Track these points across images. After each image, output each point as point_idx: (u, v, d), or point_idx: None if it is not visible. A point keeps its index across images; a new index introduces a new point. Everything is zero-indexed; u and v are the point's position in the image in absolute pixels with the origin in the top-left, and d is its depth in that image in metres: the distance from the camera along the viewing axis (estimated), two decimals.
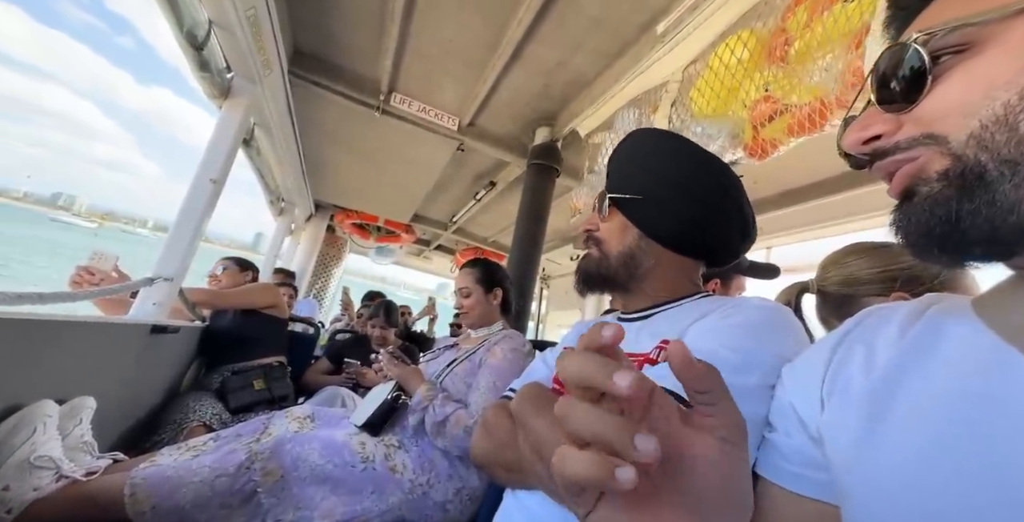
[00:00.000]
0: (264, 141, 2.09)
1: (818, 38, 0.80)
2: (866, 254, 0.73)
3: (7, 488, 0.64)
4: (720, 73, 1.06)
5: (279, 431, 0.97)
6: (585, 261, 0.64)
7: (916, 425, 0.27)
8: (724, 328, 0.48)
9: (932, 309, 0.33)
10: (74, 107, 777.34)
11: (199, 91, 1.47)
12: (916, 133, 0.28)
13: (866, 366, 0.33)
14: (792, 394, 0.38)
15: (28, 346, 0.72)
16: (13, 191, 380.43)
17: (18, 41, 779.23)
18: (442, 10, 1.43)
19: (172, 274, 1.28)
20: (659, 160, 0.62)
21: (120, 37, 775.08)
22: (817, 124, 0.83)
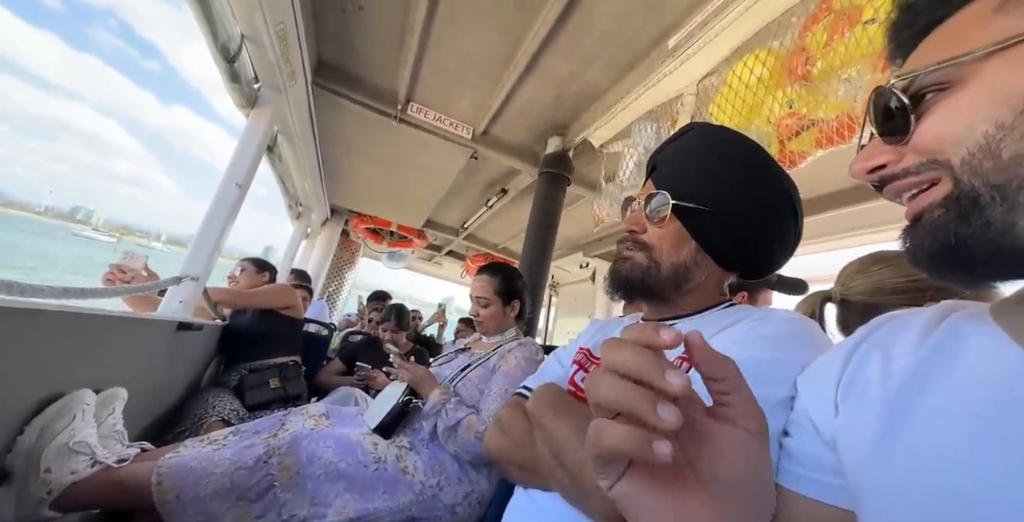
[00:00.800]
0: (286, 147, 2.17)
1: (841, 58, 0.81)
2: (893, 263, 0.71)
3: (48, 470, 0.68)
4: (739, 90, 1.08)
5: (296, 427, 1.00)
6: (628, 267, 0.58)
7: (936, 432, 0.27)
8: (752, 339, 0.48)
9: (951, 317, 0.34)
10: (98, 125, 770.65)
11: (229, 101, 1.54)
12: (921, 159, 0.30)
13: (883, 372, 0.33)
14: (806, 400, 0.38)
15: (71, 338, 0.77)
16: (35, 205, 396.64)
17: (50, 64, 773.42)
18: (460, 24, 1.49)
19: (198, 274, 1.34)
20: (729, 168, 0.56)
21: (147, 61, 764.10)
22: (845, 137, 0.85)
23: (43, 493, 0.68)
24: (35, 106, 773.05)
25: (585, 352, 0.67)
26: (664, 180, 0.58)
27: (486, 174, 2.71)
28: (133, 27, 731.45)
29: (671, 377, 0.20)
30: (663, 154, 0.61)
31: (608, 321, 0.75)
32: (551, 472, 0.47)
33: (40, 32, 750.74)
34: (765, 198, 0.56)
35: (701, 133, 0.60)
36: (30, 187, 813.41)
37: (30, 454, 0.68)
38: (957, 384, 0.29)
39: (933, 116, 0.29)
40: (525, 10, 1.36)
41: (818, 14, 0.90)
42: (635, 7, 1.27)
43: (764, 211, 0.56)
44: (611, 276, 0.60)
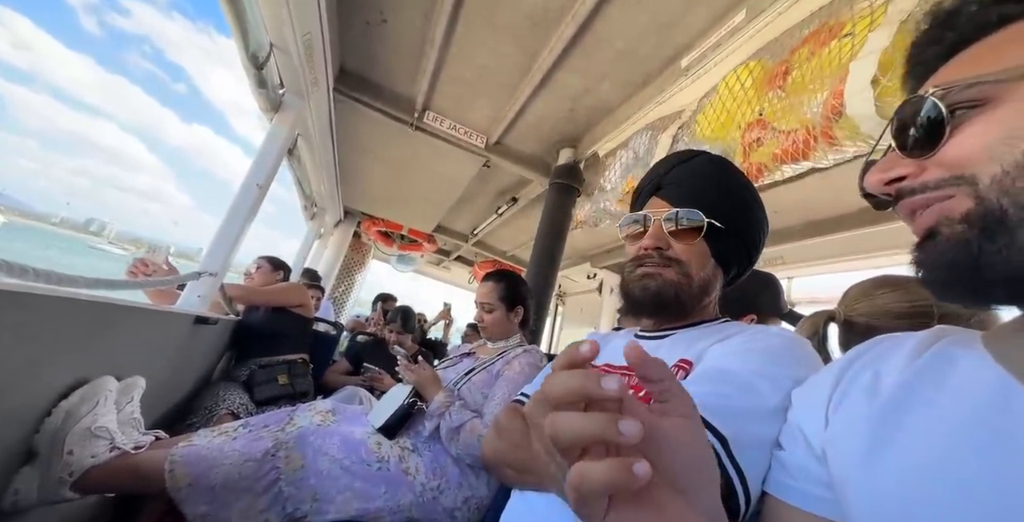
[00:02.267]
0: (305, 150, 2.24)
1: (812, 69, 0.84)
2: (899, 287, 0.72)
3: (71, 452, 0.72)
4: (725, 98, 1.12)
5: (303, 422, 1.03)
6: (660, 283, 0.58)
7: (921, 448, 0.28)
8: (745, 352, 0.49)
9: (943, 341, 0.35)
10: (120, 141, 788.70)
11: (247, 121, 1.61)
12: (945, 174, 0.29)
13: (872, 389, 0.34)
14: (799, 414, 0.39)
15: (98, 326, 0.81)
16: (52, 216, 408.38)
17: (82, 83, 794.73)
18: (478, 39, 1.54)
19: (216, 270, 1.39)
20: (740, 190, 0.62)
21: (175, 84, 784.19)
22: (801, 153, 0.86)
23: (65, 474, 0.72)
24: (64, 122, 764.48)
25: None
26: (684, 200, 0.60)
27: (497, 182, 2.76)
28: (165, 52, 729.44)
29: (607, 383, 0.22)
30: (670, 176, 0.63)
31: (606, 333, 0.76)
32: (546, 470, 0.49)
33: (77, 54, 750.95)
34: (762, 217, 0.63)
35: (708, 159, 0.64)
36: (49, 199, 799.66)
37: (55, 436, 0.72)
38: (942, 402, 0.30)
39: (969, 130, 0.28)
40: (541, 27, 1.41)
41: (812, 36, 0.93)
42: (650, 28, 1.31)
43: (762, 227, 0.63)
44: (640, 293, 0.59)
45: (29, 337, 0.64)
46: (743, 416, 0.41)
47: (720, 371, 0.47)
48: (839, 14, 0.82)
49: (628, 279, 0.62)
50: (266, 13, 1.26)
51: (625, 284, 0.63)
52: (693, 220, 0.58)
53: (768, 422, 0.42)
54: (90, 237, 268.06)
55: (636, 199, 0.68)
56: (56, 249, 34.73)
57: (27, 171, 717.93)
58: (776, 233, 2.16)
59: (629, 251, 0.64)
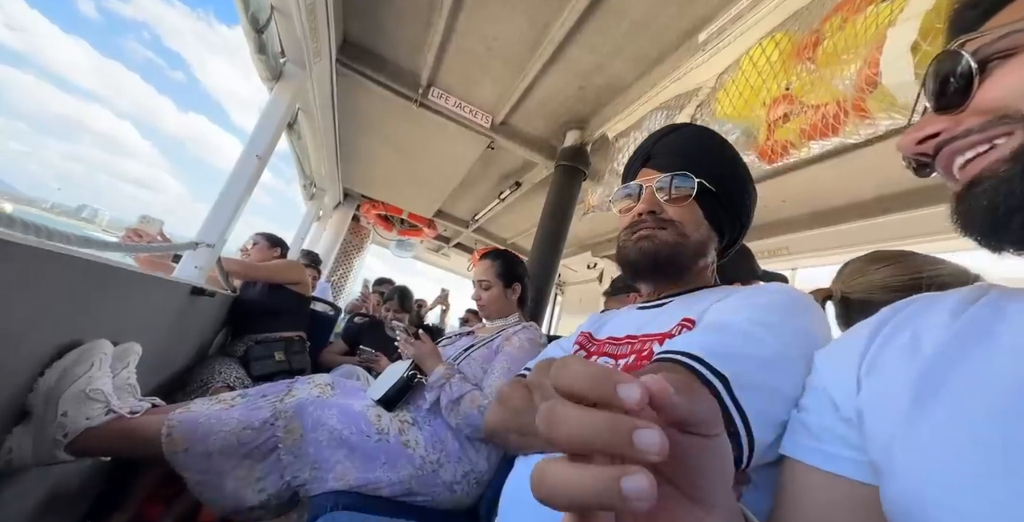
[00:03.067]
0: (305, 126, 2.19)
1: (846, 38, 0.81)
2: (891, 261, 0.73)
3: (65, 414, 0.70)
4: (749, 73, 1.08)
5: (302, 394, 1.01)
6: (656, 243, 0.59)
7: (971, 406, 0.27)
8: (747, 306, 0.49)
9: (990, 293, 0.33)
10: (114, 127, 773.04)
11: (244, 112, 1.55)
12: (988, 117, 0.29)
13: (912, 348, 0.33)
14: (825, 377, 0.38)
15: (93, 287, 0.78)
16: (42, 202, 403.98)
17: (77, 68, 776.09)
18: (489, 8, 1.48)
19: (214, 241, 1.36)
20: (727, 154, 0.64)
21: (173, 72, 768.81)
22: (831, 128, 0.83)
23: (59, 435, 0.70)
24: (58, 106, 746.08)
25: (586, 335, 0.68)
26: (673, 166, 0.61)
27: (501, 165, 2.71)
28: (163, 39, 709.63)
29: (625, 392, 0.16)
30: (658, 146, 0.64)
31: (607, 311, 0.77)
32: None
33: (72, 38, 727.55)
34: (751, 184, 0.65)
35: (693, 129, 0.67)
36: (40, 183, 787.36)
37: (49, 396, 0.70)
38: (996, 357, 0.28)
39: (1003, 72, 0.28)
40: None
41: (844, 3, 0.88)
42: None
43: (751, 193, 0.64)
44: (636, 254, 0.60)
45: (22, 292, 0.62)
46: (745, 360, 0.41)
47: (721, 323, 0.47)
48: None
49: (624, 244, 0.63)
50: None
51: (622, 250, 0.63)
52: (684, 184, 0.59)
53: (771, 368, 0.41)
54: (82, 224, 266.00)
55: (627, 173, 0.69)
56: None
57: (17, 154, 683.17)
58: (782, 222, 2.14)
59: (623, 221, 0.65)
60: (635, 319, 0.64)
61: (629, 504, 0.15)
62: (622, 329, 0.64)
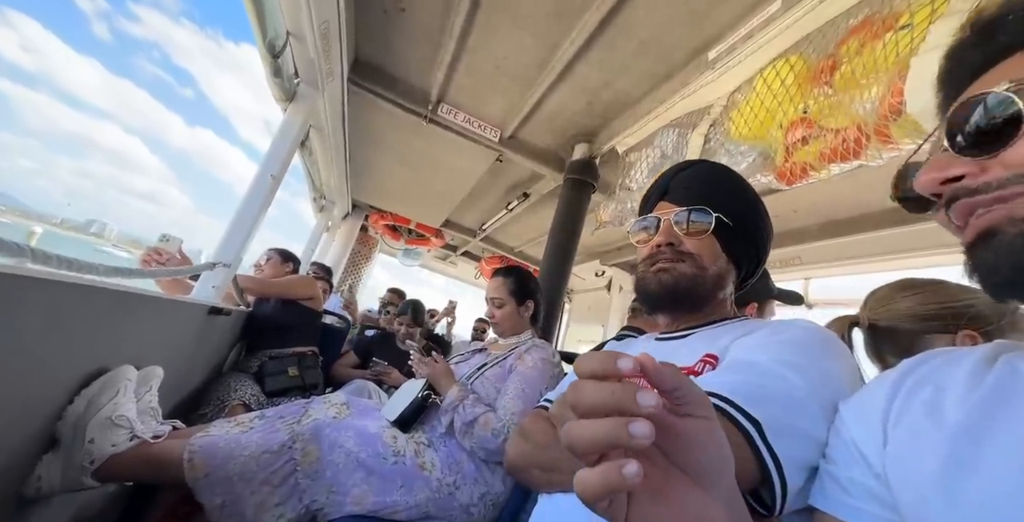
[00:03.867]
0: (316, 142, 2.23)
1: (864, 63, 0.81)
2: (922, 290, 0.72)
3: (92, 440, 0.71)
4: (764, 95, 1.08)
5: (318, 415, 1.02)
6: (675, 276, 0.60)
7: (1013, 473, 0.27)
8: (773, 344, 0.49)
9: (1006, 355, 0.34)
10: (124, 144, 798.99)
11: (252, 127, 1.59)
12: (1009, 173, 0.29)
13: (936, 407, 0.33)
14: (854, 429, 0.38)
15: (118, 315, 0.80)
16: (52, 217, 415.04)
17: (88, 87, 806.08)
18: (498, 30, 1.51)
19: (230, 261, 1.38)
20: (743, 190, 0.66)
21: (182, 88, 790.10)
22: (852, 152, 0.83)
23: (86, 462, 0.71)
24: (68, 124, 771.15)
25: None
26: (691, 200, 0.62)
27: (509, 177, 2.73)
28: (172, 57, 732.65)
29: (643, 399, 0.21)
30: (675, 181, 0.65)
31: (624, 341, 0.78)
32: (572, 466, 0.49)
33: (85, 58, 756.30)
34: (767, 218, 0.66)
35: (708, 165, 0.69)
36: (50, 199, 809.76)
37: (77, 424, 0.71)
38: (1019, 431, 0.28)
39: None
40: (564, 17, 1.38)
41: (860, 27, 0.89)
42: (678, 17, 1.28)
43: (767, 228, 0.66)
44: (656, 287, 0.60)
45: (54, 324, 0.63)
46: (775, 403, 0.41)
47: (747, 362, 0.47)
48: (893, 4, 0.77)
49: (643, 276, 0.63)
50: (285, 1, 1.24)
51: (640, 281, 0.64)
52: (702, 217, 0.60)
53: (800, 410, 0.41)
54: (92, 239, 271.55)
55: (643, 206, 0.70)
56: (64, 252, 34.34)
57: (28, 171, 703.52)
58: (794, 233, 2.13)
59: (642, 252, 0.65)
60: (655, 352, 0.64)
61: (634, 441, 0.20)
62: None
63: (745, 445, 0.38)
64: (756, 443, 0.38)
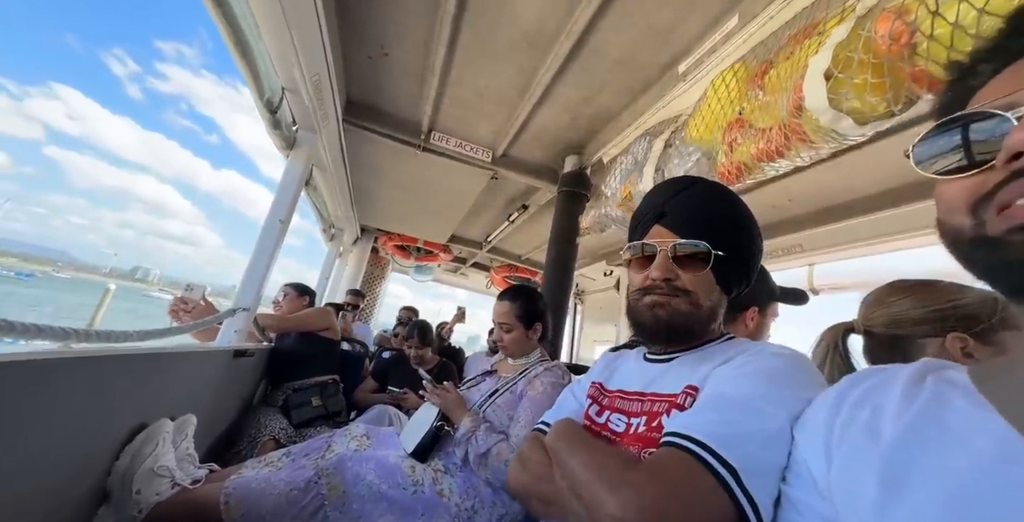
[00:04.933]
0: (320, 179, 2.33)
1: (787, 67, 0.85)
2: (910, 293, 0.71)
3: (139, 491, 0.79)
4: (711, 100, 1.12)
5: (340, 448, 1.09)
6: (670, 313, 0.59)
7: (935, 500, 0.28)
8: (744, 376, 0.50)
9: (931, 377, 0.35)
10: (158, 192, 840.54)
11: (271, 164, 1.69)
12: None
13: (873, 429, 0.34)
14: (803, 450, 0.40)
15: (152, 373, 0.89)
16: (102, 268, 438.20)
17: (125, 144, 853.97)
18: (477, 63, 1.58)
19: (249, 305, 1.48)
20: (742, 219, 0.64)
21: (208, 136, 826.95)
22: (776, 151, 0.86)
23: (135, 512, 0.79)
24: (109, 180, 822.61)
25: (598, 386, 0.71)
26: (687, 229, 0.61)
27: (507, 192, 2.80)
28: (197, 107, 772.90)
29: None
30: (671, 204, 0.64)
31: (618, 354, 0.78)
32: (570, 505, 0.51)
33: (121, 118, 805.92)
34: (759, 238, 0.65)
35: (708, 187, 0.66)
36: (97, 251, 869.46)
37: (125, 477, 0.79)
38: (949, 452, 0.30)
39: None
40: (537, 47, 1.44)
41: (794, 35, 0.92)
42: (644, 36, 1.32)
43: (759, 248, 0.65)
44: (652, 322, 0.60)
45: (99, 392, 0.72)
46: (751, 441, 0.43)
47: (723, 397, 0.49)
48: (816, 14, 0.82)
49: (637, 307, 0.63)
50: (276, 59, 1.34)
51: (634, 312, 0.63)
52: (700, 252, 0.59)
53: (775, 445, 0.42)
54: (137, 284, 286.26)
55: (636, 226, 0.68)
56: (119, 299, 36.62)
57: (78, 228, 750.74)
58: (793, 220, 2.12)
59: (635, 279, 0.64)
60: (644, 373, 0.66)
61: None
62: (632, 382, 0.66)
63: (722, 491, 0.39)
64: (733, 490, 0.39)
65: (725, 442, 0.42)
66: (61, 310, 26.31)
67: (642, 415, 0.60)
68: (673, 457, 0.43)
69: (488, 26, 1.40)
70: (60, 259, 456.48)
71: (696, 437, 0.43)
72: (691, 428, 0.45)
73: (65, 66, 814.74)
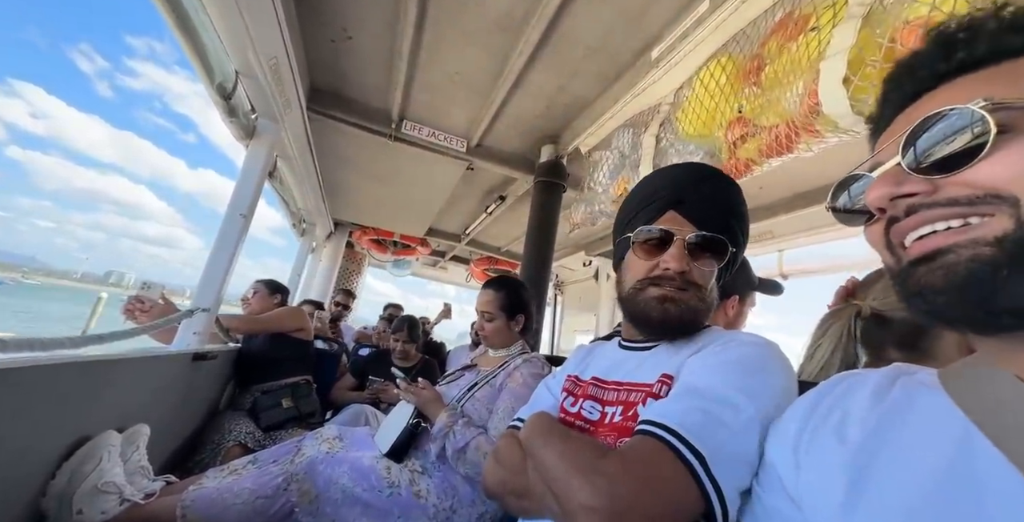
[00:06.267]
0: (286, 171, 2.22)
1: (784, 64, 0.84)
2: None
3: (80, 511, 0.73)
4: (702, 96, 1.11)
5: (311, 451, 1.04)
6: (683, 309, 0.57)
7: (896, 495, 0.29)
8: (717, 365, 0.51)
9: (902, 379, 0.35)
10: (131, 193, 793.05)
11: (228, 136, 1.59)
12: (977, 192, 0.27)
13: (842, 432, 0.34)
14: (774, 454, 0.40)
15: (92, 383, 0.81)
16: (72, 272, 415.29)
17: (95, 143, 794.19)
18: (446, 47, 1.51)
19: (209, 305, 1.39)
20: (745, 216, 0.64)
21: (184, 135, 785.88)
22: (785, 147, 0.86)
23: None
24: (78, 181, 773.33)
25: (573, 379, 0.70)
26: (708, 222, 0.59)
27: (483, 183, 2.74)
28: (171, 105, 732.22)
29: None
30: (694, 192, 0.61)
31: (592, 346, 0.76)
32: (544, 497, 0.50)
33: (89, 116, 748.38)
34: (748, 232, 0.65)
35: (726, 180, 0.64)
36: (67, 255, 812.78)
37: (62, 497, 0.73)
38: (909, 452, 0.30)
39: (1010, 151, 0.26)
40: (508, 30, 1.39)
41: (780, 25, 0.91)
42: (616, 21, 1.29)
43: (746, 241, 0.65)
44: (660, 316, 0.58)
45: (22, 407, 0.65)
46: (723, 429, 0.43)
47: (696, 388, 0.49)
48: (802, 6, 0.80)
49: (642, 299, 0.59)
50: (227, 41, 1.24)
51: (637, 303, 0.60)
52: (720, 249, 0.58)
53: (746, 435, 0.43)
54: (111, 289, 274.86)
55: (643, 208, 0.63)
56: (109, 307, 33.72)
57: (45, 231, 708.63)
58: (764, 208, 2.16)
59: (639, 267, 0.61)
60: (620, 361, 0.65)
61: None
62: (608, 371, 0.65)
63: (689, 477, 0.40)
64: (700, 476, 0.40)
65: (695, 430, 0.43)
66: (38, 318, 24.88)
67: (618, 404, 0.59)
68: (645, 445, 0.44)
69: (456, 8, 1.33)
70: (28, 265, 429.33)
71: (668, 424, 0.44)
72: (664, 416, 0.45)
73: (27, 63, 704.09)
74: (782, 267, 2.37)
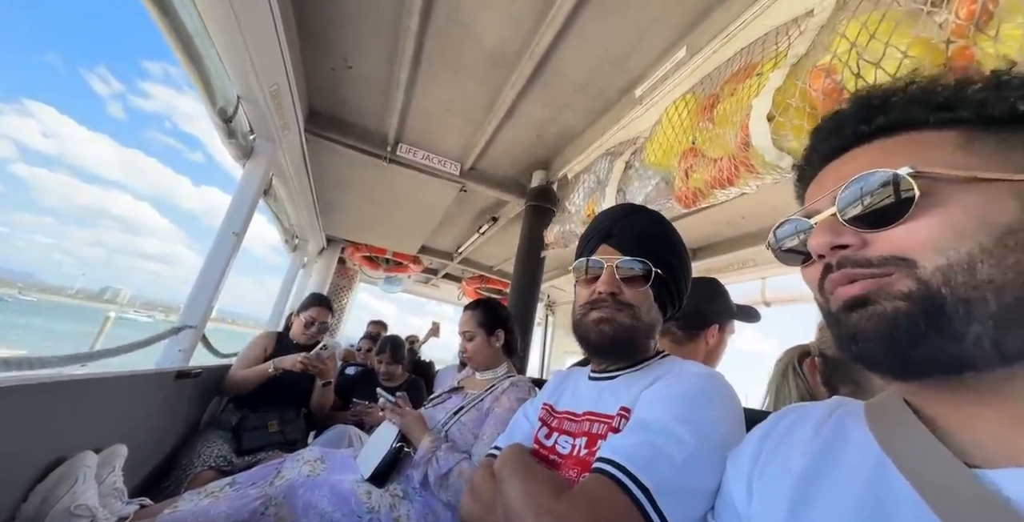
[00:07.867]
0: (281, 189, 2.25)
1: (732, 103, 0.92)
2: None
3: None
4: (666, 127, 1.19)
5: (291, 474, 1.02)
6: (615, 328, 0.63)
7: (826, 518, 0.31)
8: (665, 398, 0.55)
9: (837, 414, 0.38)
10: (134, 210, 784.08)
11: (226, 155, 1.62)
12: (888, 253, 0.30)
13: (786, 464, 0.37)
14: (732, 483, 0.42)
15: (70, 403, 0.81)
16: (68, 289, 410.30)
17: (102, 161, 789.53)
18: (441, 79, 1.59)
19: (196, 322, 1.39)
20: (677, 244, 0.70)
21: (192, 154, 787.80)
22: (727, 180, 0.93)
23: None
24: (82, 198, 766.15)
25: (548, 408, 0.72)
26: (633, 249, 0.66)
27: (476, 204, 2.80)
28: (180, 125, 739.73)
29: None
30: (619, 226, 0.69)
31: (568, 372, 0.80)
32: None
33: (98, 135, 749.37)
34: (689, 268, 0.72)
35: (649, 214, 0.73)
36: (64, 271, 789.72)
37: (34, 521, 0.71)
38: (841, 477, 0.33)
39: (925, 217, 0.29)
40: (501, 66, 1.47)
41: (738, 70, 1.00)
42: (603, 62, 1.38)
43: (689, 276, 0.72)
44: (597, 337, 0.63)
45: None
46: (668, 462, 0.46)
47: (645, 422, 0.52)
48: (753, 55, 0.91)
49: (583, 322, 0.66)
50: (230, 67, 1.29)
51: (580, 327, 0.67)
52: (644, 270, 0.64)
53: (691, 466, 0.46)
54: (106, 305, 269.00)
55: (585, 246, 0.72)
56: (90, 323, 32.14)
57: (44, 246, 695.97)
58: (747, 236, 2.24)
59: (581, 295, 0.68)
60: (588, 393, 0.69)
61: None
62: (577, 402, 0.69)
63: (636, 511, 0.42)
64: (646, 509, 0.42)
65: (641, 464, 0.46)
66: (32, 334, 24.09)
67: (582, 435, 0.63)
68: (596, 483, 0.46)
69: (452, 44, 1.41)
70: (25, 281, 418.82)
71: (617, 460, 0.47)
72: (615, 452, 0.48)
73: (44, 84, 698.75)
74: (765, 294, 2.42)
